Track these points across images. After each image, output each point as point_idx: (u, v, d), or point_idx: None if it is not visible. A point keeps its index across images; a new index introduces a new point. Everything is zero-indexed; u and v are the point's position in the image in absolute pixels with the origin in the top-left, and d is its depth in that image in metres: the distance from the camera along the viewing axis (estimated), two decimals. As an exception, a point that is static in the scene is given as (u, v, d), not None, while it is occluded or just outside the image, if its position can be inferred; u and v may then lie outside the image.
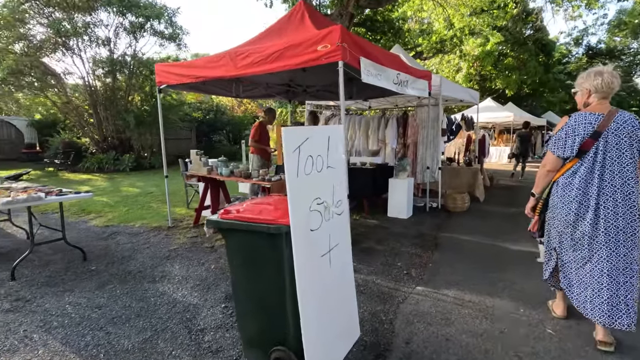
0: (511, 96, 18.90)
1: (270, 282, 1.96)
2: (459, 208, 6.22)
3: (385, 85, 4.34)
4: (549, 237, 2.52)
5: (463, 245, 4.45)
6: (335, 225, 2.11)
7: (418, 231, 5.04)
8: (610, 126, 2.19)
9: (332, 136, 2.07)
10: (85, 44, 12.52)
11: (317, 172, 1.94)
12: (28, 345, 2.39)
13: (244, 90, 6.49)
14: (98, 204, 7.04)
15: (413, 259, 3.94)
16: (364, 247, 4.38)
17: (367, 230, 5.12)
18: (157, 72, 5.05)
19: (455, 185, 7.23)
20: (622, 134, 2.18)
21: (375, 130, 6.94)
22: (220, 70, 4.31)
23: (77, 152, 14.27)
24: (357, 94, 6.73)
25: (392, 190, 5.82)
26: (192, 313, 2.79)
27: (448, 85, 6.49)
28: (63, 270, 3.69)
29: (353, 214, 5.96)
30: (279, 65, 3.78)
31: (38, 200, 3.45)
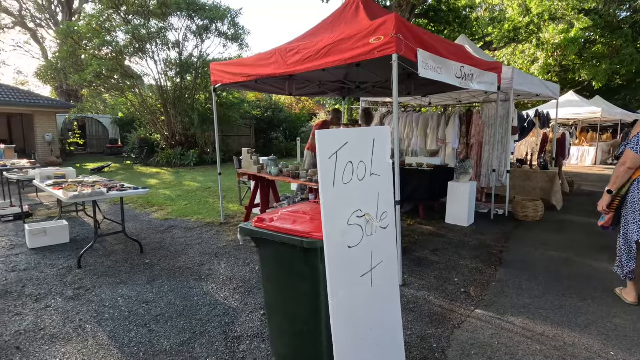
0: (599, 89, 16.55)
1: (304, 301, 1.78)
2: (531, 217, 5.49)
3: (447, 79, 3.92)
4: (628, 232, 2.73)
5: (534, 261, 3.87)
6: (379, 241, 1.85)
7: (480, 242, 4.53)
8: None
9: (378, 139, 1.82)
10: (159, 47, 13.54)
11: (358, 180, 1.70)
12: (80, 336, 2.51)
13: (297, 88, 6.40)
14: (161, 197, 7.52)
15: (473, 275, 3.50)
16: (416, 256, 4.02)
17: (421, 237, 4.72)
18: (212, 72, 5.16)
19: (526, 190, 6.43)
20: None
21: (434, 129, 6.42)
22: (270, 68, 4.24)
23: (150, 148, 15.61)
24: (415, 90, 6.28)
25: (452, 194, 5.32)
26: (231, 317, 2.73)
27: (522, 78, 5.76)
28: (122, 261, 3.91)
29: (407, 219, 5.58)
30: (329, 61, 3.58)
31: (101, 195, 3.68)
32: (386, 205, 1.92)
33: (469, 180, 5.32)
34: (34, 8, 22.40)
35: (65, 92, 19.51)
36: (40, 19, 22.94)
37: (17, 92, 14.66)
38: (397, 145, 3.35)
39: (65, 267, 3.71)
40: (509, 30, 12.68)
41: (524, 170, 6.48)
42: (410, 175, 5.60)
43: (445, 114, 6.55)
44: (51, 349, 2.36)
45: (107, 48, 12.72)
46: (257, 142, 18.23)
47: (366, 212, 1.74)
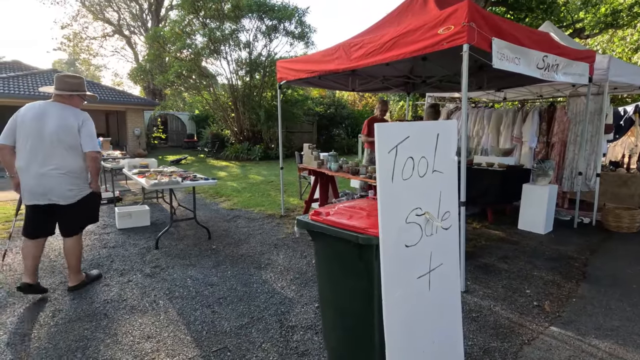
0: None
1: (357, 297, 1.75)
2: (625, 228, 4.77)
3: (526, 71, 3.56)
4: None
5: (627, 278, 3.35)
6: (439, 242, 1.75)
7: (559, 252, 4.05)
8: None
9: (443, 134, 1.71)
10: (231, 48, 14.41)
11: (419, 176, 1.62)
12: (154, 310, 2.78)
13: (360, 84, 6.34)
14: (229, 188, 8.01)
15: (548, 288, 3.15)
16: (482, 262, 3.74)
17: (488, 243, 4.38)
18: (277, 69, 5.33)
19: (620, 198, 5.59)
20: None
21: (509, 126, 5.88)
22: (334, 63, 4.25)
23: (221, 142, 16.76)
24: (488, 84, 5.82)
25: (527, 198, 4.84)
26: (287, 307, 2.81)
27: (621, 67, 5.00)
28: (192, 245, 4.25)
29: (472, 222, 5.21)
30: (394, 54, 3.47)
31: (176, 184, 4.03)
32: (449, 205, 1.80)
33: (549, 183, 4.78)
34: (129, 17, 25.36)
35: (152, 91, 21.77)
36: (134, 26, 25.87)
37: (113, 92, 16.75)
38: (464, 143, 3.14)
39: (145, 247, 4.15)
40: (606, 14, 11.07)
41: (618, 175, 5.64)
42: (478, 175, 5.21)
43: (523, 109, 5.96)
44: (131, 319, 2.65)
45: (186, 50, 13.91)
46: (319, 138, 18.50)
47: (426, 211, 1.65)
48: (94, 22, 25.20)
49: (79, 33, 25.43)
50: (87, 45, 26.35)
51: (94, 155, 2.93)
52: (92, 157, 2.91)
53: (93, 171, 2.99)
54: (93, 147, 2.92)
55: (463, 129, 3.02)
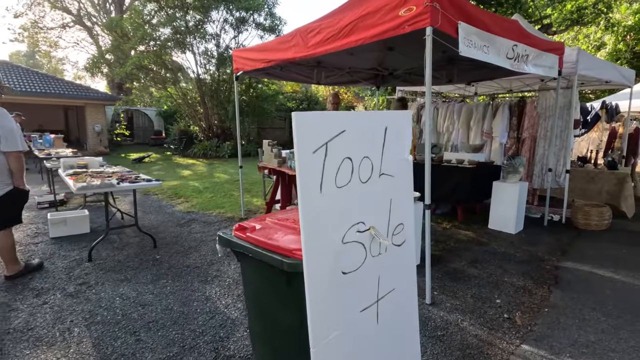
0: (681, 78, 14.33)
1: (289, 337, 1.38)
2: (594, 226, 4.66)
3: (495, 60, 3.30)
4: None
5: (600, 283, 3.16)
6: (390, 262, 1.40)
7: (530, 254, 3.85)
8: None
9: (392, 127, 1.36)
10: (197, 40, 13.68)
11: (361, 182, 1.26)
12: (65, 340, 2.31)
13: (325, 76, 5.97)
14: (190, 189, 7.47)
15: (519, 296, 2.90)
16: (451, 268, 3.47)
17: (458, 245, 4.13)
18: (234, 59, 4.87)
19: (588, 194, 5.52)
20: None
21: (479, 121, 5.69)
22: (291, 51, 3.84)
23: (189, 139, 15.98)
24: (458, 77, 5.60)
25: (497, 196, 4.64)
26: (228, 331, 2.41)
27: (589, 61, 4.88)
28: (133, 255, 3.76)
29: (442, 222, 4.98)
30: (352, 40, 3.11)
31: (110, 187, 3.53)
32: (402, 215, 1.45)
33: (519, 180, 4.60)
34: (90, 7, 23.82)
35: (117, 85, 20.56)
36: (96, 16, 24.35)
37: (70, 86, 15.60)
38: (428, 138, 2.84)
39: (76, 260, 3.62)
40: (572, 11, 11.22)
41: (586, 170, 5.57)
42: (448, 172, 4.98)
43: (493, 104, 5.78)
44: (32, 354, 2.17)
45: (149, 42, 13.06)
46: (291, 134, 18.06)
47: (371, 225, 1.30)
48: (51, 10, 23.52)
49: (36, 23, 23.69)
50: (44, 36, 24.62)
51: (15, 155, 2.91)
52: (13, 157, 2.91)
53: (15, 170, 2.95)
54: (12, 147, 2.87)
55: (428, 122, 2.71)
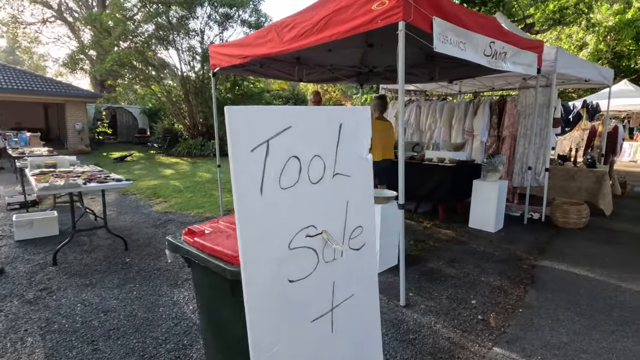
0: (659, 78, 14.67)
1: (238, 348, 1.29)
2: (573, 224, 4.68)
3: (472, 57, 3.25)
4: None
5: (575, 282, 3.15)
6: (347, 267, 1.32)
7: (508, 253, 3.84)
8: None
9: (348, 124, 1.27)
10: (181, 36, 13.40)
11: (311, 183, 1.17)
12: (16, 351, 2.17)
13: (307, 74, 5.87)
14: (170, 188, 7.29)
15: (495, 296, 2.86)
16: (429, 268, 3.42)
17: (437, 244, 4.09)
18: (210, 54, 4.73)
19: (568, 192, 5.56)
20: None
21: (460, 119, 5.67)
22: (267, 46, 3.74)
23: (173, 138, 15.68)
24: (440, 75, 5.56)
25: (477, 194, 4.62)
26: (191, 338, 2.30)
27: (568, 59, 4.89)
28: (102, 258, 3.60)
29: (423, 221, 4.94)
30: (326, 35, 3.02)
31: (75, 187, 3.37)
32: (361, 217, 1.37)
33: (499, 178, 4.59)
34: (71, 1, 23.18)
35: (100, 83, 20.06)
36: (77, 11, 23.71)
37: (51, 82, 15.15)
38: (401, 136, 2.77)
39: (39, 264, 3.45)
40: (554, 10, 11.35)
41: (566, 169, 5.60)
42: (429, 171, 4.95)
43: (474, 102, 5.77)
44: (-22, 367, 2.03)
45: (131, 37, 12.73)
46: (279, 133, 17.91)
47: (323, 229, 1.21)
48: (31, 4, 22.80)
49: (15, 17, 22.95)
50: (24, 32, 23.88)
51: None
52: None
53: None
54: None
55: (401, 121, 2.65)
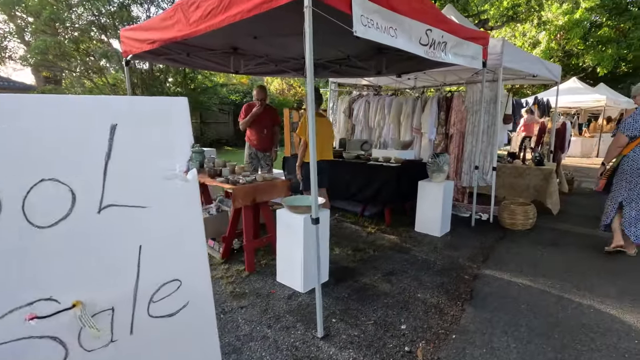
0: (603, 76, 15.39)
1: None
2: (520, 225, 4.50)
3: (406, 46, 2.89)
4: (615, 194, 3.60)
5: (516, 296, 2.88)
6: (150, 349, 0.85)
7: (451, 261, 3.54)
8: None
9: (131, 125, 0.80)
10: (123, 24, 12.32)
11: (37, 228, 0.69)
12: None
13: (244, 65, 5.33)
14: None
15: (429, 318, 2.52)
16: (362, 283, 3.03)
17: (378, 252, 3.74)
18: (121, 40, 4.08)
19: (517, 189, 5.42)
20: None
21: (409, 116, 5.37)
22: (174, 29, 3.18)
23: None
24: (387, 68, 5.21)
25: (422, 196, 4.32)
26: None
27: (514, 53, 4.68)
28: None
29: (368, 226, 4.58)
30: (231, 14, 2.54)
31: None
32: (175, 266, 0.91)
33: (446, 178, 4.31)
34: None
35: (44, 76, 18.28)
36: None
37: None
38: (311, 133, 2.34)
39: None
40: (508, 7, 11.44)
41: (514, 167, 5.46)
42: (374, 171, 4.59)
43: (421, 97, 5.48)
44: None
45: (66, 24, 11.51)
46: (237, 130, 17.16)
47: (76, 301, 0.73)
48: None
49: None
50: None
51: None
52: None
53: None
54: None
55: (310, 118, 2.21)
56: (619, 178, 3.57)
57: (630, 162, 3.44)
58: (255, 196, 3.22)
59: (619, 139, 3.47)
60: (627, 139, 3.43)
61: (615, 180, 3.61)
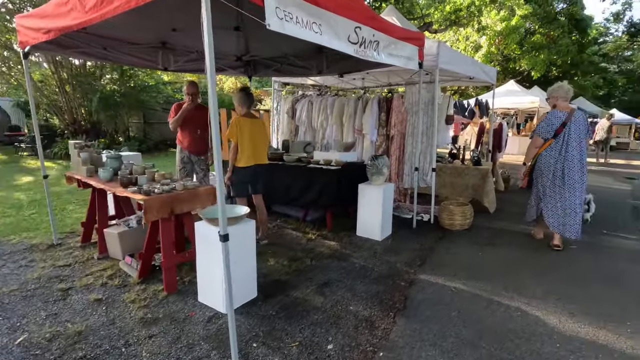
0: (537, 79, 16.62)
1: None
2: (459, 225, 4.55)
3: (332, 43, 2.71)
4: (536, 190, 4.03)
5: (448, 302, 2.82)
6: None
7: (389, 266, 3.44)
8: (572, 119, 3.67)
9: None
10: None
11: None
12: None
13: (175, 61, 4.91)
14: (9, 203, 5.72)
15: (358, 335, 2.36)
16: (293, 298, 2.82)
17: (315, 261, 3.55)
18: (17, 29, 3.52)
19: (457, 189, 5.53)
20: (578, 124, 3.68)
21: (351, 117, 5.26)
22: (70, 16, 2.74)
23: (51, 137, 13.12)
24: (328, 68, 5.05)
25: (363, 200, 4.21)
26: None
27: (451, 55, 4.72)
28: None
29: (309, 232, 4.40)
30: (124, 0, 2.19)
31: None
32: None
33: (385, 181, 4.23)
34: None
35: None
36: None
37: None
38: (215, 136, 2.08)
39: None
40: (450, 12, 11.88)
41: (454, 167, 5.56)
42: (314, 175, 4.41)
43: (363, 98, 5.40)
44: None
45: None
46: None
47: None
48: None
49: None
50: None
51: None
52: None
53: None
54: None
55: (214, 118, 1.95)
56: (536, 175, 3.95)
57: (543, 160, 3.82)
58: (173, 207, 2.89)
59: (535, 140, 3.84)
60: (542, 140, 3.80)
61: (534, 176, 4.00)
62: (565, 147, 3.68)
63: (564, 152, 3.69)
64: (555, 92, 3.82)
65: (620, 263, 3.57)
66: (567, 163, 3.69)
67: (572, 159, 3.67)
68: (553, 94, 3.84)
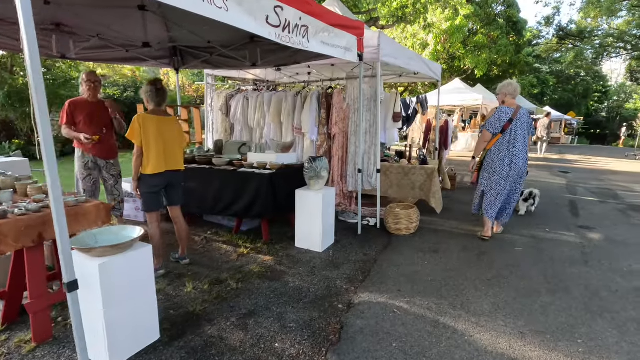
0: (480, 77, 17.32)
1: None
2: (405, 230, 4.26)
3: (241, 23, 2.21)
4: (481, 183, 4.08)
5: (389, 328, 2.46)
6: None
7: (327, 285, 3.02)
8: (517, 116, 3.78)
9: None
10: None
11: None
12: None
13: (75, 47, 4.10)
14: None
15: (280, 384, 1.90)
16: (206, 338, 2.29)
17: (242, 283, 3.03)
18: None
19: (404, 189, 5.27)
20: (522, 121, 3.80)
21: (289, 114, 4.79)
22: None
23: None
24: (262, 59, 4.52)
25: (301, 207, 3.76)
26: None
27: (394, 48, 4.41)
28: None
29: (242, 245, 3.86)
30: None
31: None
32: None
33: (324, 185, 3.81)
34: None
35: None
36: None
37: None
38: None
39: None
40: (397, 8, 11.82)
41: (401, 166, 5.30)
42: (246, 180, 3.87)
43: (301, 93, 4.94)
44: None
45: None
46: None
47: None
48: None
49: None
50: None
51: None
52: None
53: None
54: None
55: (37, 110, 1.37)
56: (484, 169, 4.03)
57: (491, 155, 3.92)
58: (43, 231, 2.22)
59: (484, 135, 3.92)
60: (490, 135, 3.87)
61: (481, 171, 4.08)
62: (513, 142, 3.79)
63: (512, 148, 3.79)
64: (504, 89, 3.89)
65: (563, 266, 3.47)
66: (515, 158, 3.80)
67: (518, 154, 3.79)
68: (502, 90, 3.90)
